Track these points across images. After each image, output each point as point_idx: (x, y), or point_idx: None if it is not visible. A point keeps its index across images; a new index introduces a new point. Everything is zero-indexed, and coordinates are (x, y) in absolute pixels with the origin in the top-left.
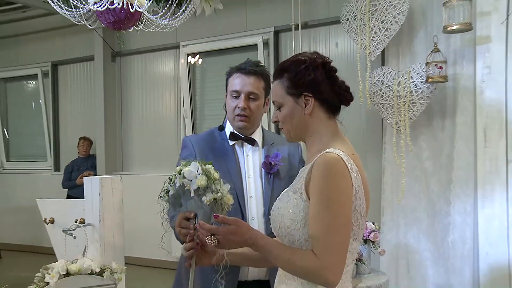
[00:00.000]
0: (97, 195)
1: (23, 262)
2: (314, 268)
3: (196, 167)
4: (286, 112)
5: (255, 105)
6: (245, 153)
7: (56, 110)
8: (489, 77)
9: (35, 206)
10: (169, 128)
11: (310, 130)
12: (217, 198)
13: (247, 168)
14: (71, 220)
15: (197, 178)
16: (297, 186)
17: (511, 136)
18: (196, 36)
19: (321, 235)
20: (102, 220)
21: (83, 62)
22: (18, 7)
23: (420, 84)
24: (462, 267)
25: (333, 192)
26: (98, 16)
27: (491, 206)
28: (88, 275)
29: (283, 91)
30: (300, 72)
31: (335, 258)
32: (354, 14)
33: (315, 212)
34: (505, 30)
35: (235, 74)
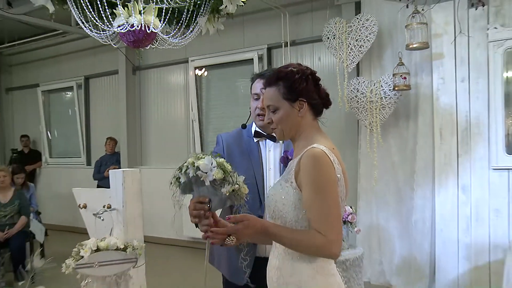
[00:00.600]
0: (121, 185)
1: (64, 240)
2: (321, 244)
3: (211, 160)
4: (282, 114)
5: None
6: (267, 148)
7: (87, 115)
8: (443, 86)
9: (72, 194)
10: (180, 129)
11: (300, 130)
12: (235, 189)
13: (268, 161)
14: (100, 205)
15: (212, 171)
16: (288, 177)
17: (460, 134)
18: (202, 52)
19: (321, 216)
20: (125, 205)
21: (109, 76)
22: (59, 32)
23: (388, 92)
24: (422, 242)
25: (323, 180)
26: (121, 37)
27: (445, 192)
28: (114, 250)
29: (279, 96)
30: (295, 81)
31: (336, 233)
32: (334, 34)
33: (312, 199)
34: (454, 48)
35: (257, 79)
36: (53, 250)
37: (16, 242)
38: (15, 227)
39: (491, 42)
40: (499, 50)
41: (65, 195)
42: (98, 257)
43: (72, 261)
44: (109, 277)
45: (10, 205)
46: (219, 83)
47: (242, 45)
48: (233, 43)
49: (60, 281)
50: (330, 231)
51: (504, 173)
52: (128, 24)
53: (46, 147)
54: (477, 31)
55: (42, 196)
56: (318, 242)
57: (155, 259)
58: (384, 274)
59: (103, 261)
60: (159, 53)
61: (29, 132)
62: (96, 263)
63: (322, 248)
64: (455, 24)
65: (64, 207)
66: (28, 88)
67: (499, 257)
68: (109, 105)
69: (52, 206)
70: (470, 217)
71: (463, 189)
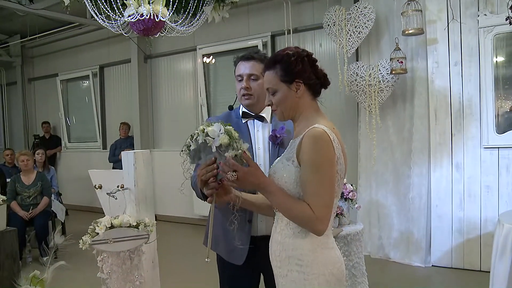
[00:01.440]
0: (132, 165)
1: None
2: (308, 218)
3: (219, 127)
4: (280, 96)
5: (256, 84)
6: (256, 128)
7: (102, 102)
8: (437, 70)
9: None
10: (189, 113)
11: (299, 110)
12: (238, 155)
13: (257, 141)
14: (114, 186)
15: (219, 136)
16: (289, 155)
17: (454, 115)
18: (210, 40)
19: (314, 193)
20: (136, 185)
21: (122, 64)
22: (76, 25)
23: (386, 75)
24: (419, 217)
25: (321, 159)
26: (131, 26)
27: (440, 170)
28: (127, 227)
29: (277, 79)
30: (291, 63)
31: (326, 212)
32: (334, 21)
33: (307, 176)
34: (447, 34)
35: (239, 62)
36: (73, 228)
37: (40, 221)
38: (39, 207)
39: (482, 28)
40: (489, 35)
41: (83, 177)
42: (112, 234)
43: (88, 237)
44: (123, 252)
45: (33, 186)
46: (226, 70)
47: (247, 33)
48: (239, 31)
49: (79, 256)
50: (319, 208)
51: (494, 151)
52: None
53: (65, 133)
54: (468, 17)
55: (62, 179)
56: (306, 215)
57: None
58: (383, 248)
59: (117, 238)
60: (168, 41)
61: (50, 119)
62: (110, 239)
63: (308, 222)
64: (447, 11)
65: (82, 188)
66: (48, 78)
67: (489, 230)
68: (122, 92)
69: (71, 187)
70: (463, 193)
71: (457, 167)
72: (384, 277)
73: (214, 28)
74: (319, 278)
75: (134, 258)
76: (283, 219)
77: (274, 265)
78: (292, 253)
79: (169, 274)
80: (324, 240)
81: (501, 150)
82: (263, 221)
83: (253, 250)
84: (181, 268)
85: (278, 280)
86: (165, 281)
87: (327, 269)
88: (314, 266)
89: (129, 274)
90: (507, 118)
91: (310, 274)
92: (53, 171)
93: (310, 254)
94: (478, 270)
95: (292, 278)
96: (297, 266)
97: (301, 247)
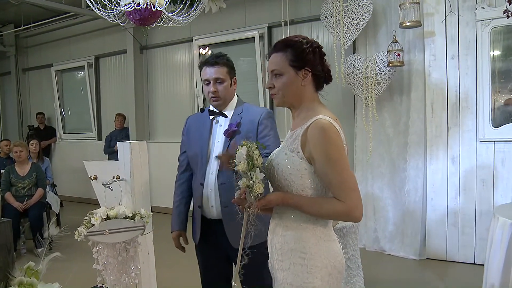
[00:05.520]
0: (128, 156)
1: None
2: (342, 211)
3: (245, 151)
4: (286, 80)
5: (222, 87)
6: (219, 123)
7: (98, 93)
8: (434, 63)
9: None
10: (185, 105)
11: (301, 99)
12: (249, 186)
13: (217, 135)
14: (109, 176)
15: (241, 161)
16: (293, 146)
17: (450, 108)
18: (206, 31)
19: (338, 184)
20: (132, 176)
21: (118, 55)
22: (71, 15)
23: (383, 68)
24: (414, 210)
25: (335, 149)
26: (127, 15)
27: (436, 163)
28: (123, 219)
29: (286, 62)
30: (304, 50)
31: (356, 197)
32: (331, 13)
33: (326, 169)
34: (445, 27)
35: (204, 67)
36: (67, 220)
37: (34, 212)
38: (33, 198)
39: (479, 21)
40: (486, 29)
41: (78, 168)
42: (108, 225)
43: (83, 228)
44: (118, 244)
45: (28, 177)
46: None
47: (244, 24)
48: (235, 22)
49: (74, 247)
50: (348, 197)
51: (490, 145)
52: (134, 3)
53: (60, 124)
54: (466, 10)
55: (57, 170)
56: (339, 209)
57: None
58: (379, 240)
59: (113, 229)
60: (164, 32)
61: (44, 109)
62: (106, 230)
63: (344, 214)
64: (445, 3)
65: (77, 179)
66: (42, 68)
67: (484, 224)
68: (118, 83)
69: (66, 179)
70: (459, 186)
71: (453, 160)
72: (379, 270)
73: (211, 19)
74: (322, 271)
75: (130, 249)
76: (285, 211)
77: (274, 258)
78: (295, 245)
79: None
80: (327, 232)
81: (497, 144)
82: (213, 206)
83: (209, 231)
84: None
85: (277, 274)
86: (160, 272)
87: (329, 261)
88: (317, 258)
89: (124, 265)
90: (503, 111)
91: (314, 267)
92: (47, 162)
93: (313, 247)
94: (473, 263)
95: (295, 272)
96: (300, 259)
97: (305, 240)
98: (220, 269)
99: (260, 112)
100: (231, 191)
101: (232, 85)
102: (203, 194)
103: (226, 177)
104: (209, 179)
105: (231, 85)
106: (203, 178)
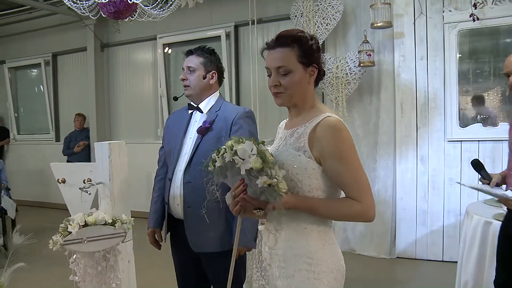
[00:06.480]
0: (107, 158)
1: (34, 215)
2: (360, 211)
3: (251, 146)
4: (296, 78)
5: (193, 77)
6: (194, 119)
7: (56, 92)
8: (404, 63)
9: (41, 170)
10: (148, 104)
11: (305, 98)
12: (272, 184)
13: (191, 131)
14: (79, 180)
15: (250, 158)
16: (298, 145)
17: (419, 108)
18: (171, 29)
19: (354, 184)
20: (111, 178)
21: (78, 53)
22: (26, 8)
23: (354, 68)
24: (384, 210)
25: (349, 148)
26: (101, 8)
27: (405, 162)
28: (103, 225)
29: (295, 59)
30: (312, 46)
31: (370, 195)
32: (301, 12)
33: (341, 168)
34: (414, 28)
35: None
36: (24, 226)
37: None
38: None
39: (446, 24)
40: (453, 31)
41: (35, 171)
42: (87, 233)
43: (59, 237)
44: (98, 253)
45: None
46: None
47: (210, 23)
48: (201, 20)
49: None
50: (365, 196)
51: (457, 144)
52: None
53: (13, 124)
54: (434, 13)
55: (11, 173)
56: (356, 209)
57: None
58: (349, 241)
59: (92, 236)
60: (127, 30)
61: None
62: (85, 238)
63: (361, 215)
64: (414, 5)
65: (33, 182)
66: None
67: (452, 222)
68: (77, 81)
69: (22, 182)
70: (428, 185)
71: (422, 160)
72: (350, 270)
73: (176, 17)
74: (328, 275)
75: (110, 258)
76: (285, 214)
77: (275, 266)
78: (300, 251)
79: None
80: (330, 235)
81: (464, 143)
82: (179, 205)
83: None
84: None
85: (278, 282)
86: (140, 280)
87: (335, 266)
88: (323, 263)
89: (104, 276)
90: (469, 112)
91: (321, 273)
92: (1, 164)
93: (319, 251)
94: (441, 260)
95: (300, 278)
96: (306, 265)
97: (310, 244)
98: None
99: (237, 111)
100: (196, 190)
101: (207, 78)
102: (170, 191)
103: (193, 175)
104: (176, 175)
105: (205, 77)
106: (172, 174)
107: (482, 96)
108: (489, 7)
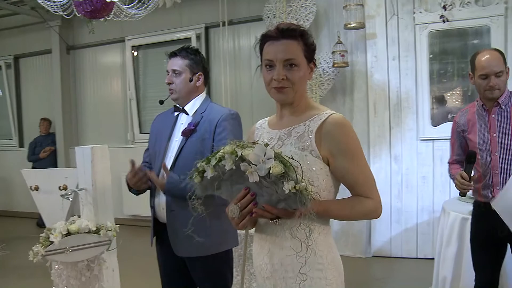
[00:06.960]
0: (89, 163)
1: None
2: (373, 208)
3: (264, 150)
4: (302, 73)
5: (178, 80)
6: (180, 121)
7: (18, 96)
8: (376, 64)
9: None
10: (117, 108)
11: (302, 95)
12: (300, 189)
13: (177, 133)
14: (54, 187)
15: (266, 163)
16: (303, 145)
17: (392, 108)
18: (139, 31)
19: (365, 181)
20: (94, 184)
21: (42, 55)
22: None
23: (327, 69)
24: None
25: (357, 145)
26: (76, 6)
27: (379, 162)
28: (86, 233)
29: (302, 53)
30: (313, 42)
31: (378, 193)
32: (274, 13)
33: (351, 166)
34: (385, 29)
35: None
36: None
37: None
38: None
39: (417, 25)
40: (424, 32)
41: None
42: (70, 242)
43: (41, 247)
44: (81, 262)
45: None
46: (157, 62)
47: (180, 24)
48: (171, 22)
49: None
50: (375, 193)
51: (429, 143)
52: None
53: None
54: (405, 14)
55: None
56: (370, 207)
57: None
58: None
59: (75, 246)
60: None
61: None
62: (68, 248)
63: (374, 210)
64: (386, 6)
65: None
66: None
67: (425, 219)
68: (42, 85)
69: None
70: (401, 184)
71: (395, 159)
72: None
73: (145, 18)
74: (337, 280)
75: (94, 267)
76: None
77: (280, 276)
78: (310, 258)
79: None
80: (332, 239)
81: (436, 142)
82: (164, 209)
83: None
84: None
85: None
86: None
87: (338, 270)
88: (332, 268)
89: (88, 286)
90: (441, 111)
91: (331, 278)
92: None
93: (328, 256)
94: (415, 257)
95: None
96: (318, 272)
97: (320, 248)
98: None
99: (221, 113)
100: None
101: (193, 80)
102: (155, 195)
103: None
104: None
105: (192, 80)
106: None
107: (443, 96)
108: (457, 9)
